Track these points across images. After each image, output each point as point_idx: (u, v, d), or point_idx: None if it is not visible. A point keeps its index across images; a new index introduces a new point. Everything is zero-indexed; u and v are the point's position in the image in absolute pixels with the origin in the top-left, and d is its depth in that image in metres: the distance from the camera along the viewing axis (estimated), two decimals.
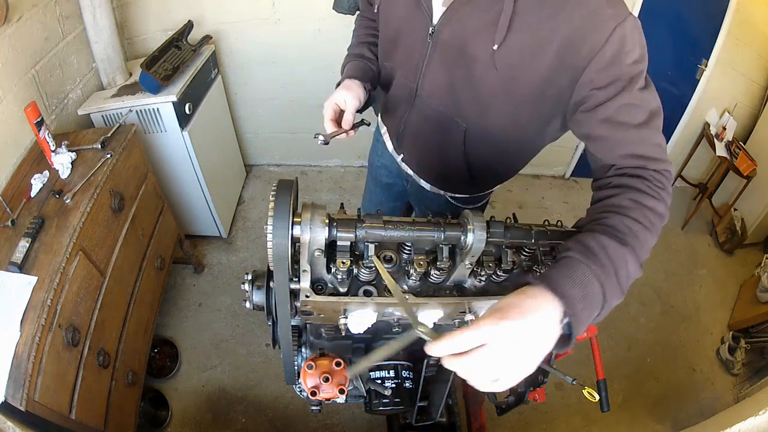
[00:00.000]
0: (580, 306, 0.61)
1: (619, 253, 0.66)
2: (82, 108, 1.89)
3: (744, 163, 2.95)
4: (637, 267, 0.69)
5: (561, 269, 0.64)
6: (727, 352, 2.45)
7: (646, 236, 0.70)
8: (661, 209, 0.74)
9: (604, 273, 0.64)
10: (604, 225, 0.71)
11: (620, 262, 0.66)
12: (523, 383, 1.21)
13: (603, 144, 0.83)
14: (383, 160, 1.41)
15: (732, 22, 2.74)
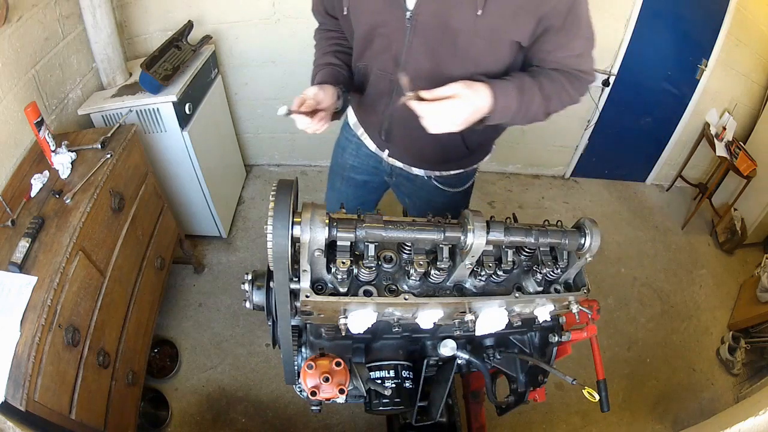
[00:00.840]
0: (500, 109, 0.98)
1: (537, 99, 1.02)
2: (82, 108, 1.89)
3: (744, 163, 2.95)
4: (543, 115, 1.07)
5: (502, 84, 0.98)
6: (727, 352, 2.45)
7: (556, 105, 1.07)
8: (576, 98, 1.09)
9: (522, 103, 1.00)
10: (541, 83, 1.02)
11: (534, 104, 1.02)
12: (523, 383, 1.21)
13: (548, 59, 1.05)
14: (358, 160, 1.43)
15: (732, 22, 2.74)
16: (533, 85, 1.01)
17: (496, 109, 0.96)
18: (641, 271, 2.86)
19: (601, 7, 2.58)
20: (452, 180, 1.35)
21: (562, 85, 1.04)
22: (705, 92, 2.99)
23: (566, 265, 0.99)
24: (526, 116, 1.03)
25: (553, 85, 1.03)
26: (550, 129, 3.12)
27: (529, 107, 1.01)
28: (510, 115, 1.00)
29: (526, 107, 1.01)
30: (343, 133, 1.47)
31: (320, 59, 1.23)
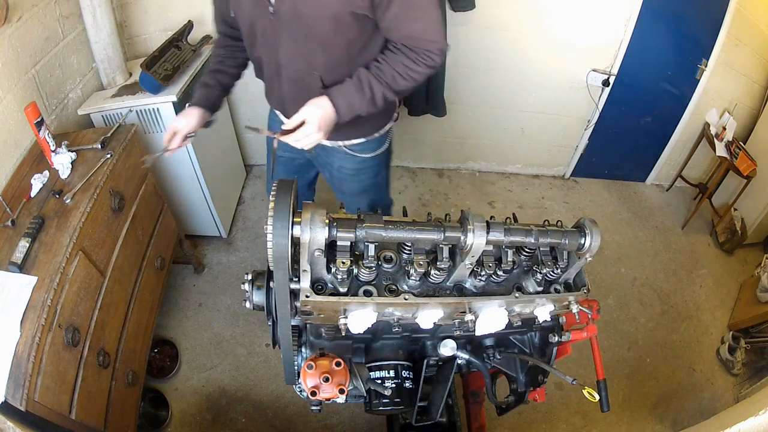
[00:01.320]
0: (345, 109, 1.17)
1: (378, 88, 1.17)
2: (82, 108, 1.89)
3: (744, 163, 2.95)
4: (393, 96, 1.20)
5: (340, 87, 1.17)
6: (727, 352, 2.45)
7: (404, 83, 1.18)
8: (422, 71, 1.18)
9: (363, 96, 1.17)
10: (380, 71, 1.17)
11: (377, 93, 1.17)
12: (523, 383, 1.22)
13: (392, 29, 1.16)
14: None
15: (732, 22, 2.74)
16: (370, 77, 1.17)
17: (341, 110, 1.16)
18: (641, 271, 2.86)
19: (601, 7, 2.58)
20: (361, 146, 1.46)
21: (405, 66, 1.17)
22: (705, 92, 2.99)
23: (566, 265, 0.99)
24: (374, 104, 1.19)
25: (393, 69, 1.17)
26: (550, 129, 3.12)
27: (373, 96, 1.18)
28: (357, 108, 1.18)
29: (370, 97, 1.17)
30: (270, 113, 1.58)
31: (203, 77, 1.44)
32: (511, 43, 2.67)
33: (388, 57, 1.19)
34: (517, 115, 3.02)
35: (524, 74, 2.82)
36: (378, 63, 1.19)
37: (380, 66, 1.18)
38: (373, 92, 1.17)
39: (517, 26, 2.62)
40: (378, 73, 1.18)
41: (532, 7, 2.56)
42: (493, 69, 2.77)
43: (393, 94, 1.20)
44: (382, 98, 1.19)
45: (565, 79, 2.85)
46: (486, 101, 2.92)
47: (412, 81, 1.20)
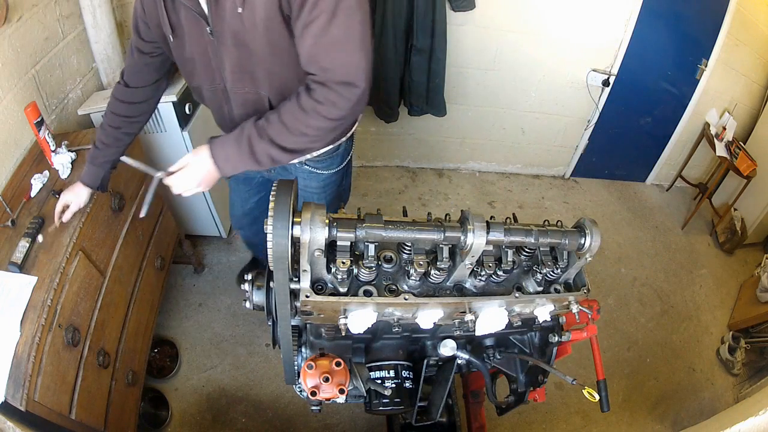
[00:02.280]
0: (224, 164, 1.07)
1: (258, 144, 1.03)
2: (82, 108, 1.89)
3: (744, 163, 2.95)
4: (280, 152, 1.04)
5: (221, 138, 1.08)
6: (727, 352, 2.45)
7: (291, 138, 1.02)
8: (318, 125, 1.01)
9: (240, 150, 1.05)
10: (260, 125, 1.04)
11: (257, 149, 1.03)
12: (523, 383, 1.22)
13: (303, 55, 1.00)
14: None
15: (732, 22, 2.74)
16: (252, 131, 1.03)
17: (219, 164, 1.07)
18: (641, 271, 2.86)
19: (601, 7, 2.58)
20: (322, 163, 1.39)
21: (292, 113, 1.01)
22: (705, 92, 2.99)
23: (566, 265, 0.99)
24: (259, 161, 1.05)
25: (278, 125, 1.02)
26: (550, 129, 3.12)
27: (253, 152, 1.03)
28: (239, 164, 1.07)
29: (251, 153, 1.04)
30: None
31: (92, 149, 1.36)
32: (511, 43, 2.67)
33: (281, 105, 1.04)
34: (517, 115, 3.02)
35: (524, 74, 2.82)
36: (270, 112, 1.06)
37: (268, 116, 1.04)
38: (253, 148, 1.03)
39: (517, 26, 2.62)
40: (263, 125, 1.03)
41: (532, 7, 2.56)
42: (493, 69, 2.77)
43: (283, 153, 1.04)
44: (267, 156, 1.04)
45: (565, 79, 2.85)
46: (486, 101, 2.92)
47: (307, 137, 1.03)
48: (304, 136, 1.03)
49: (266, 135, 1.02)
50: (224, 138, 1.07)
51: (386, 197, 3.03)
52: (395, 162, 3.25)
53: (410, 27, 2.37)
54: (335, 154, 1.39)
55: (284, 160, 1.06)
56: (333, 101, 0.98)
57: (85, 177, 1.36)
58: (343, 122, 1.03)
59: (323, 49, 0.96)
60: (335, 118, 1.00)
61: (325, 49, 0.96)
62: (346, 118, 1.02)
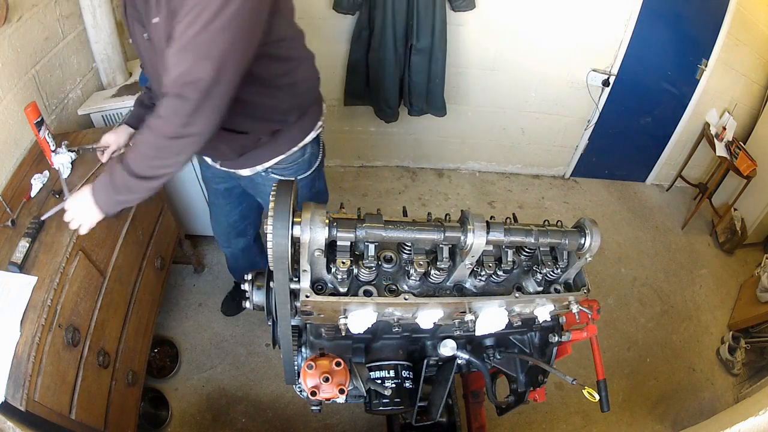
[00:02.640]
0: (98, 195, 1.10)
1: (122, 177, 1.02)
2: (82, 108, 1.89)
3: (744, 163, 2.95)
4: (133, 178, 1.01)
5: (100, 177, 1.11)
6: (727, 352, 2.45)
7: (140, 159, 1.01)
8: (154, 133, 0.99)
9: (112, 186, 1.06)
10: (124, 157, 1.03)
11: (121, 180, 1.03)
12: (523, 383, 1.22)
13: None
14: (213, 170, 1.50)
15: (732, 22, 2.74)
16: (116, 162, 1.04)
17: (97, 199, 1.09)
18: (641, 271, 2.86)
19: (601, 7, 2.58)
20: (288, 170, 1.38)
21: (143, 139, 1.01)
22: (705, 92, 2.99)
23: (566, 265, 0.99)
24: (117, 190, 1.06)
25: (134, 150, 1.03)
26: (550, 129, 3.12)
27: (114, 182, 1.05)
28: (106, 196, 1.09)
29: (111, 183, 1.06)
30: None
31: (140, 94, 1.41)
32: (511, 43, 2.67)
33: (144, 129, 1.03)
34: (517, 115, 3.02)
35: (524, 74, 2.82)
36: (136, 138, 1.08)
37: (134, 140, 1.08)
38: (114, 178, 1.04)
39: (517, 26, 2.62)
40: (125, 152, 1.07)
41: (532, 7, 2.56)
42: (493, 69, 2.77)
43: (135, 179, 1.01)
44: (124, 185, 1.03)
45: (565, 79, 2.85)
46: (486, 101, 2.92)
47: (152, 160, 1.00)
48: (149, 159, 1.00)
49: (125, 162, 1.01)
50: (101, 177, 1.10)
51: (386, 197, 3.03)
52: (395, 162, 3.25)
53: (410, 27, 2.37)
54: (301, 160, 1.38)
55: (139, 188, 1.04)
56: (164, 115, 0.95)
57: (130, 119, 1.41)
58: (182, 142, 0.97)
59: (171, 57, 0.92)
60: (168, 135, 0.96)
61: (171, 57, 0.92)
62: (181, 135, 0.96)
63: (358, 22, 2.42)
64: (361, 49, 2.50)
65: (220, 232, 1.83)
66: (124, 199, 1.09)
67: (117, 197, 1.08)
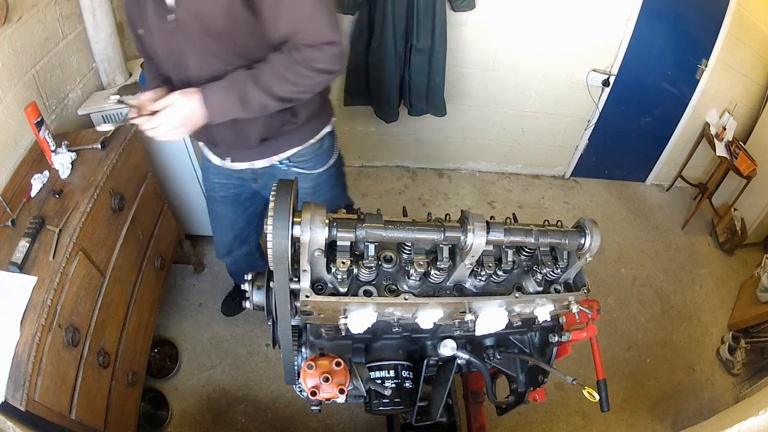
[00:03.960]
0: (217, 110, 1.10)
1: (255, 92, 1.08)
2: (82, 108, 1.89)
3: (744, 163, 2.95)
4: (274, 101, 1.10)
5: (212, 85, 1.09)
6: (727, 352, 2.45)
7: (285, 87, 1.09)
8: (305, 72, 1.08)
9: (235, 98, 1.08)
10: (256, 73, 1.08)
11: (253, 97, 1.08)
12: (523, 383, 1.22)
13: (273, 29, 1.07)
14: (219, 177, 1.52)
15: (732, 22, 2.74)
16: (246, 79, 1.07)
17: (210, 109, 1.08)
18: (641, 271, 2.86)
19: (601, 7, 2.58)
20: (308, 162, 1.40)
21: (283, 67, 1.07)
22: (705, 92, 2.99)
23: (566, 265, 0.99)
24: (249, 108, 1.10)
25: (273, 72, 1.07)
26: (550, 129, 3.12)
27: (246, 99, 1.08)
28: (228, 110, 1.10)
29: (243, 100, 1.08)
30: (203, 155, 1.52)
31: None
32: (511, 43, 2.67)
33: (272, 57, 1.09)
34: (517, 115, 3.02)
35: (524, 74, 2.82)
36: (261, 63, 1.09)
37: (260, 66, 1.09)
38: (246, 95, 1.08)
39: (517, 26, 2.62)
40: (255, 74, 1.08)
41: (532, 7, 2.56)
42: (493, 69, 2.77)
43: (274, 100, 1.10)
44: (259, 104, 1.09)
45: (565, 79, 2.85)
46: (486, 101, 2.92)
47: (298, 87, 1.10)
48: (295, 86, 1.09)
49: (260, 83, 1.07)
50: (216, 85, 1.09)
51: (386, 197, 3.03)
52: (395, 162, 3.25)
53: (410, 27, 2.37)
54: (320, 152, 1.41)
55: (273, 107, 1.12)
56: (313, 59, 1.07)
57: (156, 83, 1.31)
58: (329, 78, 1.13)
59: (302, 16, 1.04)
60: (323, 70, 1.09)
61: (295, 13, 1.04)
62: (332, 74, 1.11)
63: (358, 22, 2.42)
64: (361, 49, 2.50)
65: (223, 243, 1.80)
66: (240, 112, 1.11)
67: (237, 108, 1.10)
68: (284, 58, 1.07)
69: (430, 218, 0.93)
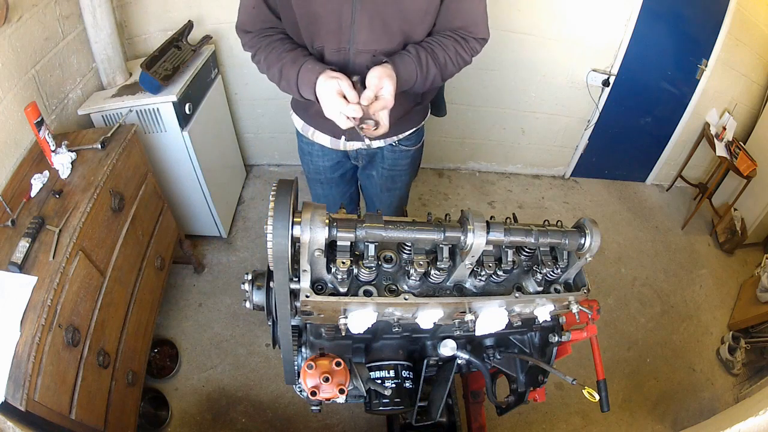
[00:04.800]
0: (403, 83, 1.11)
1: (433, 69, 1.16)
2: (82, 108, 1.89)
3: (744, 163, 2.95)
4: (440, 80, 1.21)
5: (401, 60, 1.11)
6: (727, 352, 2.45)
7: (452, 69, 1.22)
8: (468, 60, 1.24)
9: (420, 74, 1.14)
10: (434, 52, 1.16)
11: (431, 73, 1.16)
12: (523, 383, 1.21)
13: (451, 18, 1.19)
14: (327, 159, 1.50)
15: (732, 22, 2.74)
16: (428, 56, 1.15)
17: (400, 83, 1.09)
18: (641, 271, 2.86)
19: (601, 7, 2.58)
20: (410, 140, 1.46)
21: (455, 51, 1.19)
22: (705, 92, 2.99)
23: (566, 265, 0.99)
24: (424, 83, 1.17)
25: (446, 53, 1.18)
26: (550, 129, 3.12)
27: (427, 75, 1.16)
28: (410, 84, 1.15)
29: (424, 76, 1.15)
30: (301, 138, 1.51)
31: (289, 56, 1.16)
32: (511, 43, 2.67)
33: (439, 41, 1.18)
34: (517, 115, 3.02)
35: (524, 74, 2.82)
36: (429, 44, 1.17)
37: (433, 47, 1.16)
38: (428, 72, 1.15)
39: (517, 26, 2.62)
40: (433, 54, 1.16)
41: (532, 6, 2.56)
42: (493, 69, 2.77)
43: (441, 80, 1.20)
44: (432, 81, 1.18)
45: (565, 79, 2.85)
46: (486, 101, 2.92)
47: (457, 68, 1.21)
48: (455, 68, 1.22)
49: (438, 60, 1.16)
50: (404, 61, 1.12)
51: None
52: None
53: None
54: (417, 129, 1.47)
55: (436, 84, 1.22)
56: (475, 50, 1.25)
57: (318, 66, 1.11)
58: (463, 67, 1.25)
59: (479, 13, 1.22)
60: (472, 57, 1.25)
61: (475, 9, 1.21)
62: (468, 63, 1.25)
63: None
64: None
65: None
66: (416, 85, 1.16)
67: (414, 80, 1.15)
68: (456, 43, 1.18)
69: (430, 218, 0.93)
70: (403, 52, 1.14)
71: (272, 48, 1.20)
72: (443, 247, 0.91)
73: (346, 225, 0.85)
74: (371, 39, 1.13)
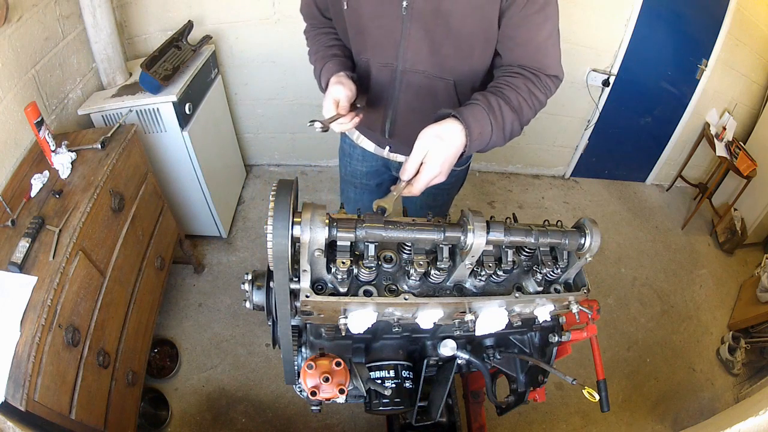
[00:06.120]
0: (477, 138, 0.95)
1: (509, 115, 1.00)
2: (82, 108, 1.89)
3: (744, 163, 2.95)
4: (519, 128, 1.05)
5: (470, 111, 0.94)
6: (727, 352, 2.45)
7: (528, 114, 1.06)
8: (543, 101, 1.11)
9: (496, 124, 0.98)
10: (505, 95, 1.00)
11: (507, 121, 1.00)
12: (523, 383, 1.21)
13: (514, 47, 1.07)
14: (367, 164, 1.46)
15: (732, 22, 2.74)
16: (500, 101, 0.98)
17: (473, 139, 0.93)
18: (641, 271, 2.86)
19: (601, 7, 2.58)
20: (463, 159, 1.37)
21: (528, 90, 1.03)
22: (705, 92, 3.00)
23: (566, 265, 0.99)
24: (503, 135, 1.01)
25: (518, 94, 1.01)
26: (550, 129, 3.12)
27: (504, 125, 0.99)
28: (487, 139, 0.98)
29: (501, 125, 0.99)
30: (344, 140, 1.48)
31: (323, 51, 1.18)
32: None
33: (507, 81, 1.03)
34: None
35: None
36: (497, 87, 1.02)
37: (502, 89, 1.01)
38: (504, 120, 0.98)
39: None
40: (505, 98, 0.99)
41: None
42: None
43: (519, 127, 1.04)
44: (510, 131, 1.02)
45: (565, 79, 2.82)
46: None
47: (533, 112, 1.06)
48: (531, 111, 1.07)
49: (512, 107, 1.00)
50: (475, 111, 0.95)
51: None
52: None
53: None
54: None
55: (515, 134, 1.06)
56: (549, 89, 1.12)
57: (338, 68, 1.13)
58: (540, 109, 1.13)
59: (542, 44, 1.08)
60: (549, 96, 1.13)
61: (543, 44, 1.08)
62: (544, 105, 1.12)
63: None
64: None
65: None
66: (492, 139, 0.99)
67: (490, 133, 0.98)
68: (526, 80, 1.03)
69: (430, 218, 0.93)
70: (470, 102, 0.98)
71: (316, 40, 1.25)
72: (443, 247, 0.91)
73: (346, 225, 0.84)
74: (419, 59, 1.09)
